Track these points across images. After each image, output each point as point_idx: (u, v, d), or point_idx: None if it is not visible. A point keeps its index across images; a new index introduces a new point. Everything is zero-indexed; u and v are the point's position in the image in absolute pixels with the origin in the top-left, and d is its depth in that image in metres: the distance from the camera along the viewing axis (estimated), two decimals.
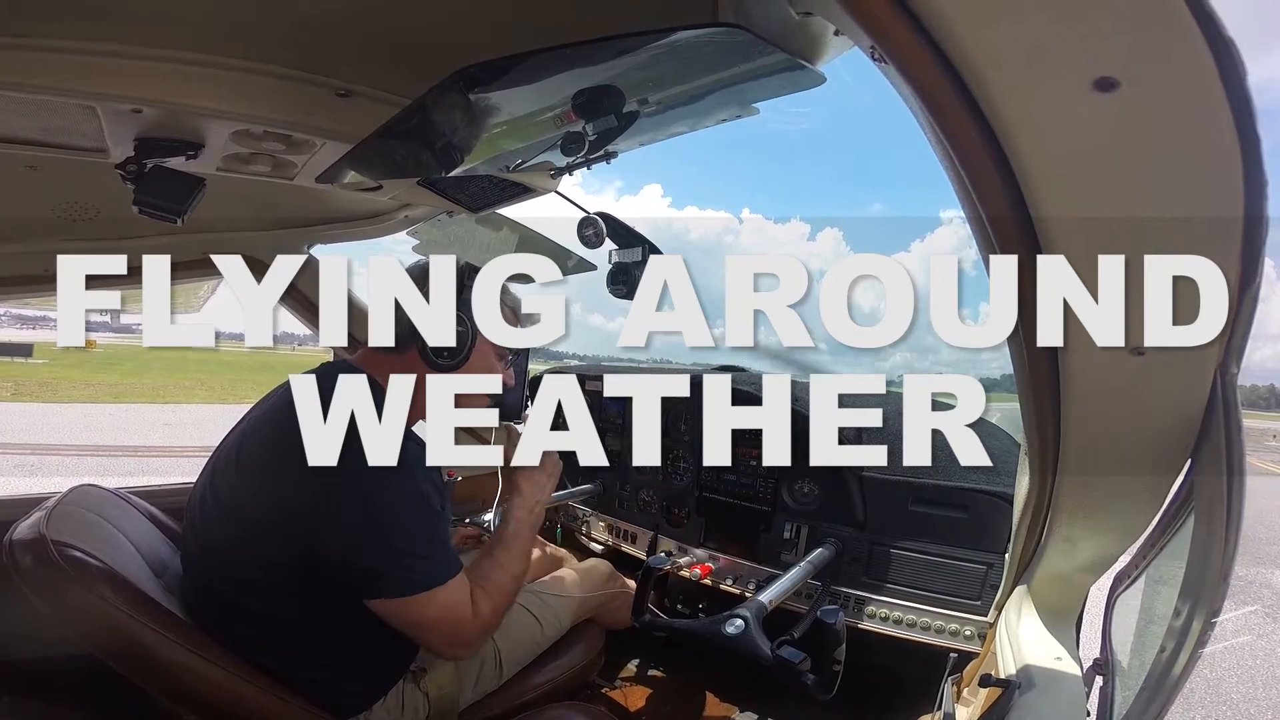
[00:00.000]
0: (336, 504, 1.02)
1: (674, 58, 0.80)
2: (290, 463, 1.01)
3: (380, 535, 1.03)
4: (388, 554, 1.03)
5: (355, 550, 1.02)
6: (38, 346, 30.37)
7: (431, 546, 1.07)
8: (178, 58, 0.96)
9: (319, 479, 0.99)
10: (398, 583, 1.04)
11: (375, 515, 1.02)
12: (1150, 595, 1.02)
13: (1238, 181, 0.48)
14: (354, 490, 1.01)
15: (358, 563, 1.03)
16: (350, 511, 1.02)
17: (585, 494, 2.28)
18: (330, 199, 1.61)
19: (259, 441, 1.11)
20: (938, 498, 1.57)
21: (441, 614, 1.07)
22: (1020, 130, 0.51)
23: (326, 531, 1.02)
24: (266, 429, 1.12)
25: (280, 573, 1.05)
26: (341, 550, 1.02)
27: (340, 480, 0.98)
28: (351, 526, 1.02)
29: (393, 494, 1.03)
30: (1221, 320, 0.58)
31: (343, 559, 1.03)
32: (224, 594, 1.09)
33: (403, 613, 1.06)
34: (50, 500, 1.10)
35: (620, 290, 1.36)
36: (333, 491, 1.01)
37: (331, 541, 1.02)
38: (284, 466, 1.03)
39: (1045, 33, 0.45)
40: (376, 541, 1.02)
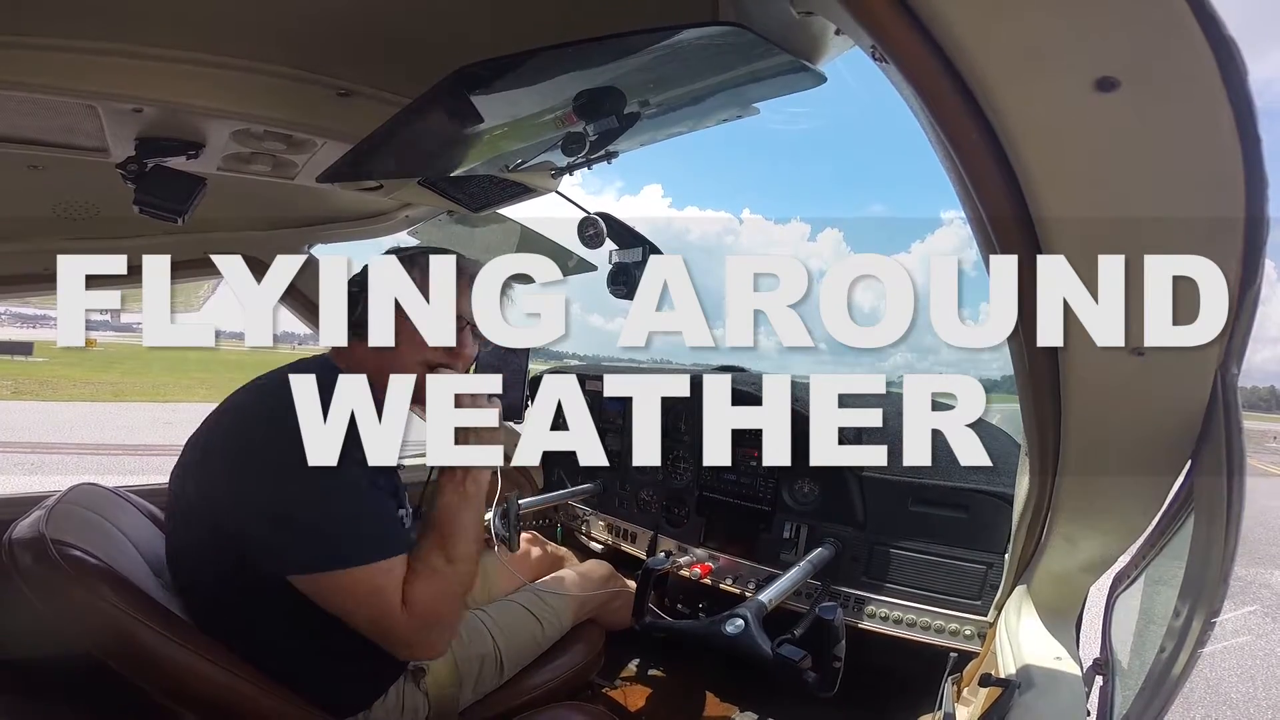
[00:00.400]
0: (252, 483, 1.02)
1: (675, 57, 0.80)
2: (229, 461, 1.04)
3: (287, 508, 1.00)
4: (293, 527, 1.00)
5: (262, 524, 1.01)
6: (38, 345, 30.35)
7: (348, 524, 1.02)
8: (178, 57, 0.96)
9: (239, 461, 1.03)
10: (305, 558, 1.00)
11: (284, 490, 1.00)
12: (1150, 595, 1.02)
13: (1238, 181, 0.48)
14: (269, 468, 1.01)
15: (265, 536, 1.00)
16: (262, 487, 1.01)
17: (585, 494, 2.28)
18: (330, 198, 1.61)
19: (210, 443, 1.10)
20: (938, 498, 1.57)
21: (362, 598, 1.01)
22: (1021, 130, 0.51)
23: (242, 511, 1.02)
24: (215, 433, 1.10)
25: (239, 570, 1.03)
26: (252, 525, 1.01)
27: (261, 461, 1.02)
28: (261, 501, 1.01)
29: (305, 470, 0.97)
30: (1222, 321, 0.58)
31: (253, 534, 1.01)
32: (213, 593, 1.09)
33: (320, 592, 1.01)
34: (50, 499, 1.10)
35: (620, 290, 1.36)
36: (251, 472, 1.02)
37: (244, 519, 1.01)
38: (224, 464, 1.05)
39: (1046, 32, 0.45)
40: (282, 515, 1.00)
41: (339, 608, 1.02)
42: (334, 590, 1.01)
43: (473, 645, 1.41)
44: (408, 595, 1.03)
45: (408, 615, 1.02)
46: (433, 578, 1.06)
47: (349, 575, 1.00)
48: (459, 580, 1.09)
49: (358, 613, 1.02)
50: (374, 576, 1.01)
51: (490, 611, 1.52)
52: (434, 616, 1.05)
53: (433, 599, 1.05)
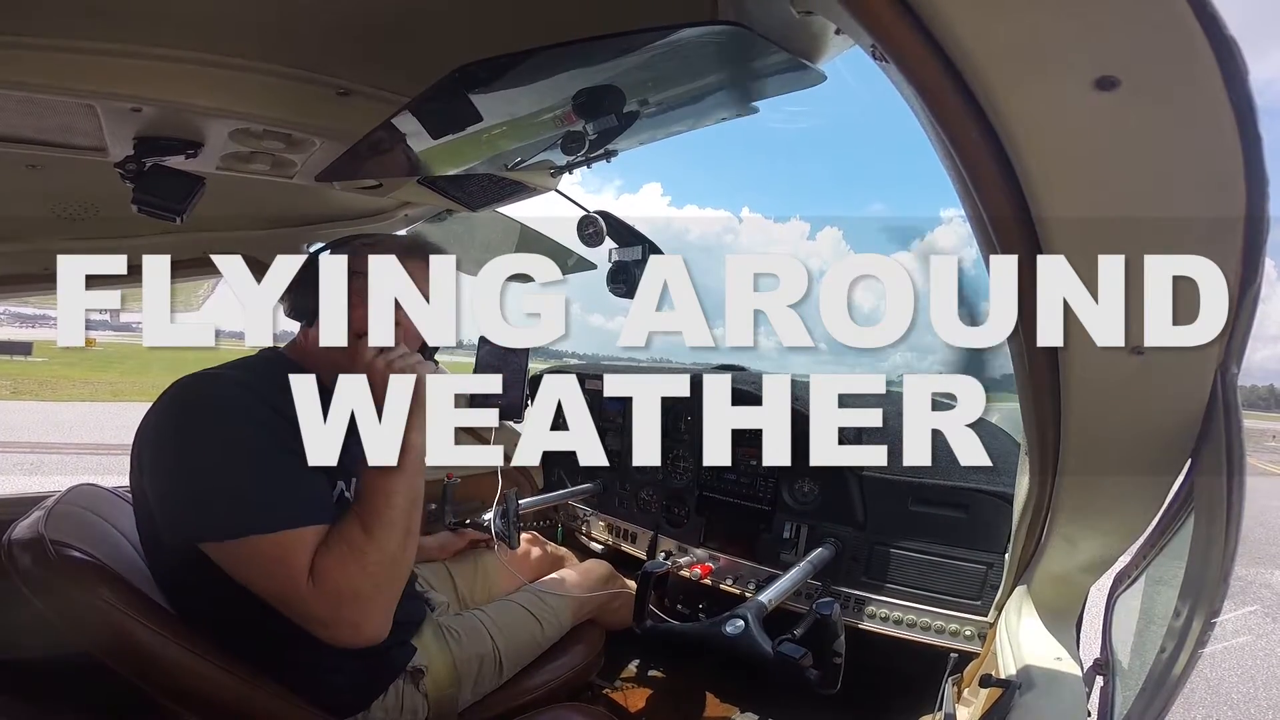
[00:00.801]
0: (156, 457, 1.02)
1: (674, 56, 0.80)
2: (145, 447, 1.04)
3: (182, 479, 0.99)
4: (186, 498, 0.99)
5: (159, 495, 1.01)
6: (37, 345, 30.33)
7: (252, 491, 0.98)
8: (177, 56, 0.96)
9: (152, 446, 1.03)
10: (198, 527, 0.97)
11: (180, 462, 1.00)
12: (1150, 595, 1.02)
13: (1238, 181, 0.48)
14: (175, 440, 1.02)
15: (161, 507, 1.00)
16: (162, 460, 1.01)
17: (585, 493, 2.28)
18: (330, 198, 1.60)
19: (139, 436, 1.09)
20: (938, 498, 1.57)
21: (264, 568, 0.96)
22: (1021, 129, 0.51)
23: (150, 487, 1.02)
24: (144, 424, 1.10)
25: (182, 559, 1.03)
26: (155, 498, 1.01)
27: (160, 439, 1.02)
28: (160, 474, 1.01)
29: (201, 440, 1.00)
30: (1221, 320, 0.58)
31: (165, 507, 1.01)
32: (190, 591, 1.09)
33: (227, 562, 0.97)
34: (49, 500, 1.10)
35: (620, 289, 1.36)
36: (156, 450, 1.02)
37: (152, 494, 1.02)
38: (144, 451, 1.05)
39: (1046, 31, 0.44)
40: (176, 485, 1.00)
41: (245, 579, 0.98)
42: (237, 559, 0.97)
43: (472, 645, 1.41)
44: (315, 566, 0.96)
45: (313, 588, 0.96)
46: (344, 549, 0.98)
47: (249, 543, 0.95)
48: (377, 556, 0.99)
49: (262, 584, 0.97)
50: (277, 545, 0.96)
51: (490, 611, 1.52)
52: (344, 592, 0.97)
53: (340, 572, 0.97)
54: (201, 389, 1.05)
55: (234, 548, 0.96)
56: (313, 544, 0.98)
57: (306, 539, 0.98)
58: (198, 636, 1.01)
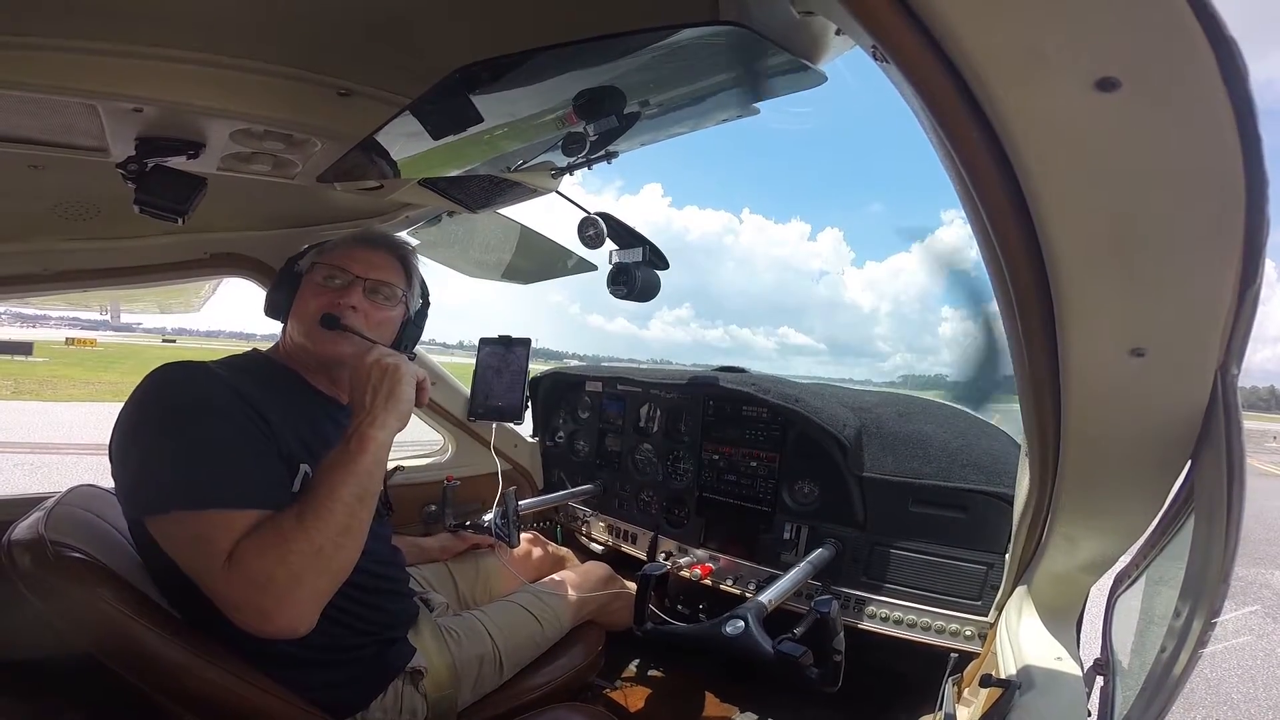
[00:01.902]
0: (118, 439, 1.03)
1: (675, 57, 0.80)
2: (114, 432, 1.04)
3: (131, 452, 1.01)
4: (132, 470, 1.00)
5: (116, 470, 1.02)
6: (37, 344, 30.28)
7: (181, 469, 0.97)
8: (179, 57, 0.96)
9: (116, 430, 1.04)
10: (138, 500, 0.99)
11: (132, 436, 1.02)
12: (1150, 596, 1.02)
13: (1238, 181, 0.48)
14: (126, 424, 1.03)
15: (117, 481, 1.03)
16: (118, 436, 1.03)
17: (585, 494, 2.28)
18: (330, 199, 1.61)
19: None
20: (938, 498, 1.57)
21: (189, 544, 0.95)
22: (1021, 129, 0.51)
23: (114, 469, 1.03)
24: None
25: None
26: (114, 475, 1.03)
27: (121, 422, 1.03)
28: (116, 448, 1.03)
29: (153, 416, 1.02)
30: (1221, 321, 0.58)
31: (118, 485, 1.03)
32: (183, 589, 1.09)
33: (159, 537, 0.97)
34: (49, 500, 1.10)
35: (621, 290, 1.37)
36: (118, 432, 1.03)
37: (115, 476, 1.04)
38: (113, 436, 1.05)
39: (1047, 32, 0.44)
40: (126, 458, 1.01)
41: (174, 556, 0.96)
42: (165, 535, 0.97)
43: (471, 646, 1.41)
44: (236, 548, 0.93)
45: (227, 570, 0.92)
46: (269, 536, 0.94)
47: (175, 519, 0.95)
48: (303, 546, 0.94)
49: (185, 562, 0.95)
50: (201, 523, 0.94)
51: (489, 612, 1.52)
52: (260, 577, 0.92)
53: (259, 556, 0.92)
54: (163, 372, 1.07)
55: (164, 522, 0.96)
56: (241, 527, 0.95)
57: (234, 521, 0.95)
58: (197, 636, 1.01)
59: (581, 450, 2.42)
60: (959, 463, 1.59)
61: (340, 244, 1.31)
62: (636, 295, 1.37)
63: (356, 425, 1.05)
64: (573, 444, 2.44)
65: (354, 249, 1.29)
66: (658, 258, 1.37)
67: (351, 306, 1.22)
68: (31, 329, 25.52)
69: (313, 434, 1.18)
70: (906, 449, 1.66)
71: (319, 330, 1.20)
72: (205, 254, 1.84)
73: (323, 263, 1.26)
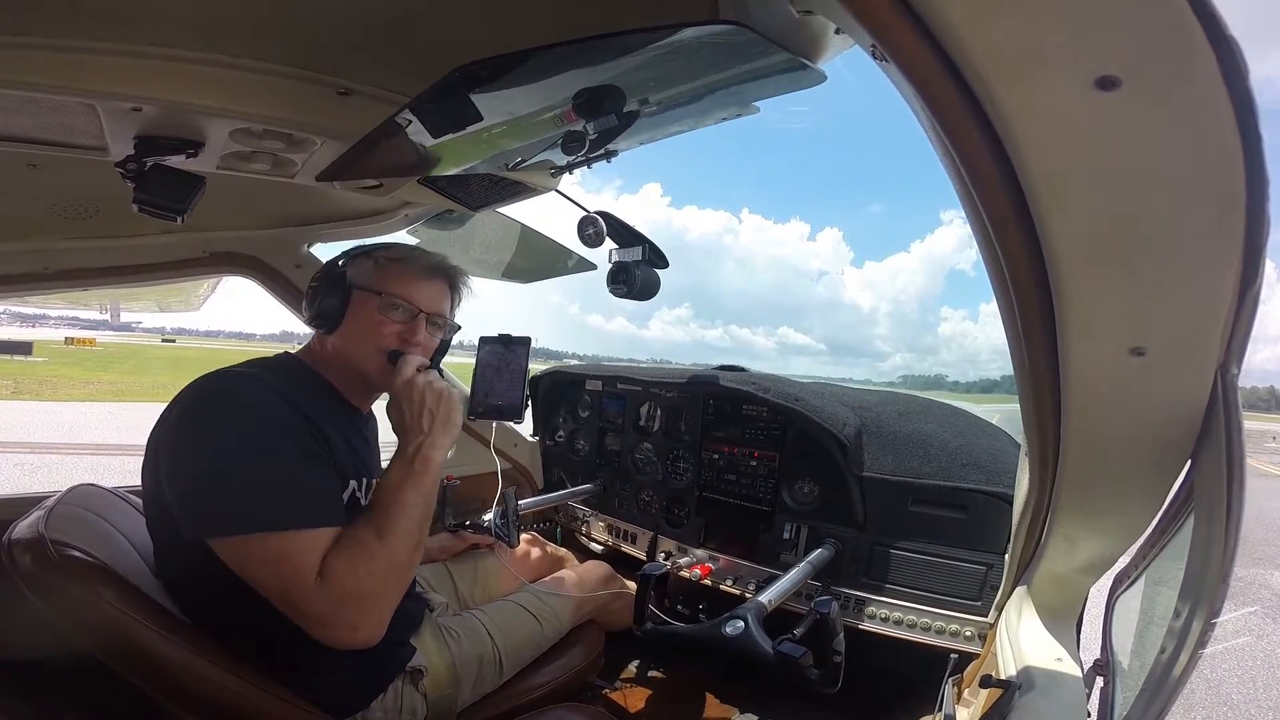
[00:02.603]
0: (173, 453, 1.02)
1: (674, 56, 0.80)
2: (163, 444, 1.05)
3: (200, 473, 1.00)
4: (204, 490, 0.99)
5: (178, 490, 1.01)
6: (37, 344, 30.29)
7: (258, 490, 0.99)
8: (178, 56, 0.96)
9: (169, 442, 1.04)
10: (214, 519, 0.98)
11: (197, 455, 1.00)
12: (1150, 596, 1.02)
13: (1239, 181, 0.48)
14: (187, 439, 1.02)
15: (181, 502, 1.00)
16: (180, 456, 1.02)
17: (585, 494, 2.28)
18: (330, 198, 1.61)
19: (155, 432, 1.10)
20: (937, 498, 1.57)
21: (273, 564, 0.97)
22: (1021, 129, 0.51)
23: (166, 481, 1.02)
24: (160, 420, 1.11)
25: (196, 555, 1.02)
26: (170, 493, 1.01)
27: (179, 435, 1.03)
28: (178, 469, 1.01)
29: (221, 433, 1.01)
30: (1221, 321, 0.58)
31: (173, 502, 1.01)
32: (192, 590, 1.09)
33: (234, 558, 0.98)
34: (49, 500, 1.10)
35: (620, 289, 1.36)
36: (173, 446, 1.03)
37: (168, 489, 1.02)
38: (160, 448, 1.06)
39: (1047, 31, 0.44)
40: (194, 479, 1.00)
41: (250, 575, 0.98)
42: (244, 555, 0.98)
43: (471, 645, 1.41)
44: (325, 566, 0.98)
45: (320, 586, 0.97)
46: (356, 551, 1.01)
47: (258, 540, 0.96)
48: (388, 559, 1.02)
49: (267, 581, 0.98)
50: (286, 543, 0.97)
51: (489, 612, 1.52)
52: (351, 592, 0.98)
53: (350, 573, 0.99)
54: (222, 384, 1.07)
55: (242, 543, 0.97)
56: (323, 546, 1.00)
57: (318, 540, 1.00)
58: (198, 637, 1.01)
59: (581, 449, 2.42)
60: (959, 462, 1.59)
61: (400, 270, 1.26)
62: (636, 294, 1.37)
63: (418, 446, 1.13)
64: (573, 443, 2.44)
65: (417, 280, 1.26)
66: (657, 257, 1.37)
67: (418, 343, 1.25)
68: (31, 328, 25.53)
69: (350, 448, 1.20)
70: (906, 448, 1.66)
71: (382, 361, 1.22)
72: (205, 253, 1.84)
73: (387, 291, 1.23)
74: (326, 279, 1.24)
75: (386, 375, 1.21)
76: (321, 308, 1.22)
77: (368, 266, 1.25)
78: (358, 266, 1.26)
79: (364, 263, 1.26)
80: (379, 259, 1.26)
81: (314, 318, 1.23)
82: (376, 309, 1.22)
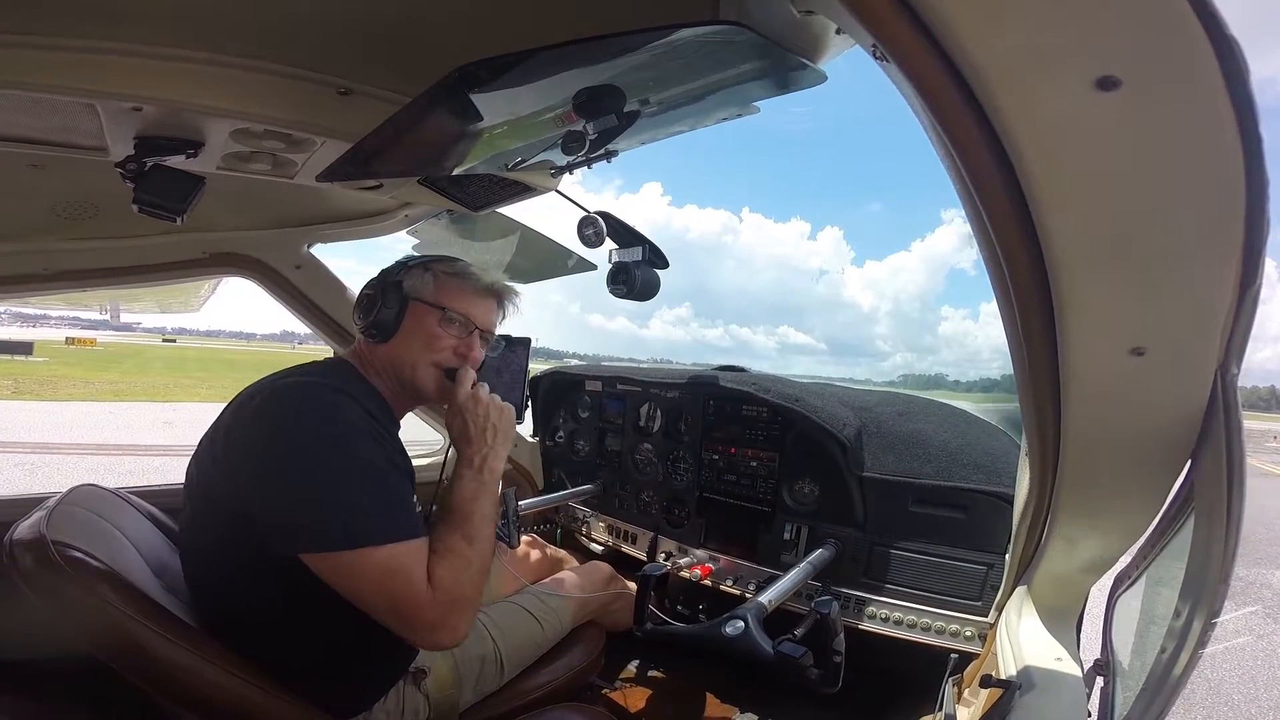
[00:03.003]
0: (263, 462, 1.02)
1: (675, 56, 0.80)
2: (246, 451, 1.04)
3: (300, 486, 1.00)
4: (306, 505, 0.99)
5: (274, 502, 1.01)
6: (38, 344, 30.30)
7: (361, 504, 1.00)
8: (178, 56, 0.96)
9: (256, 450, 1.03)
10: (317, 535, 0.98)
11: (296, 467, 1.00)
12: (1150, 596, 1.02)
13: (1239, 181, 0.48)
14: (280, 449, 1.02)
15: (276, 515, 1.00)
16: (273, 466, 1.01)
17: (585, 494, 2.28)
18: (330, 198, 1.61)
19: (227, 437, 1.10)
20: (937, 498, 1.57)
21: (382, 578, 0.99)
22: (1022, 129, 0.51)
23: (253, 491, 1.02)
24: (235, 425, 1.11)
25: (254, 564, 1.04)
26: (262, 504, 1.01)
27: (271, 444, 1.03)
28: (271, 480, 1.01)
29: (320, 449, 1.01)
30: (1221, 320, 0.58)
31: (264, 514, 1.01)
32: (219, 593, 1.10)
33: (336, 571, 0.99)
34: (50, 500, 1.10)
35: (620, 290, 1.36)
36: (261, 454, 1.02)
37: (256, 500, 1.01)
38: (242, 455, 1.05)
39: (1047, 31, 0.44)
40: (294, 492, 1.00)
41: (354, 589, 1.00)
42: (347, 568, 0.99)
43: (473, 646, 1.41)
44: (433, 576, 1.03)
45: (433, 595, 1.02)
46: (455, 559, 1.07)
47: (367, 555, 0.98)
48: (480, 561, 1.11)
49: (377, 595, 1.00)
50: (396, 556, 1.00)
51: (490, 612, 1.52)
52: (458, 596, 1.06)
53: (456, 579, 1.06)
54: (314, 399, 1.07)
55: (352, 557, 0.98)
56: (422, 556, 1.05)
57: (421, 549, 1.05)
58: (199, 637, 1.01)
59: (581, 450, 2.42)
60: (959, 462, 1.59)
61: (458, 285, 1.27)
62: (636, 294, 1.37)
63: (484, 457, 1.21)
64: (573, 444, 2.44)
65: (475, 297, 1.29)
66: (657, 257, 1.37)
67: (476, 359, 1.29)
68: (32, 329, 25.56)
69: (405, 457, 1.21)
70: (906, 448, 1.66)
71: (438, 374, 1.25)
72: (205, 253, 1.84)
73: (451, 308, 1.25)
74: (383, 289, 1.24)
75: (440, 387, 1.25)
76: (379, 318, 1.22)
77: (426, 280, 1.25)
78: (415, 278, 1.25)
79: (422, 275, 1.26)
80: (437, 272, 1.27)
81: (369, 327, 1.23)
82: (436, 323, 1.24)
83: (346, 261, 3.46)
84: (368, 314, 1.23)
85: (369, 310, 1.23)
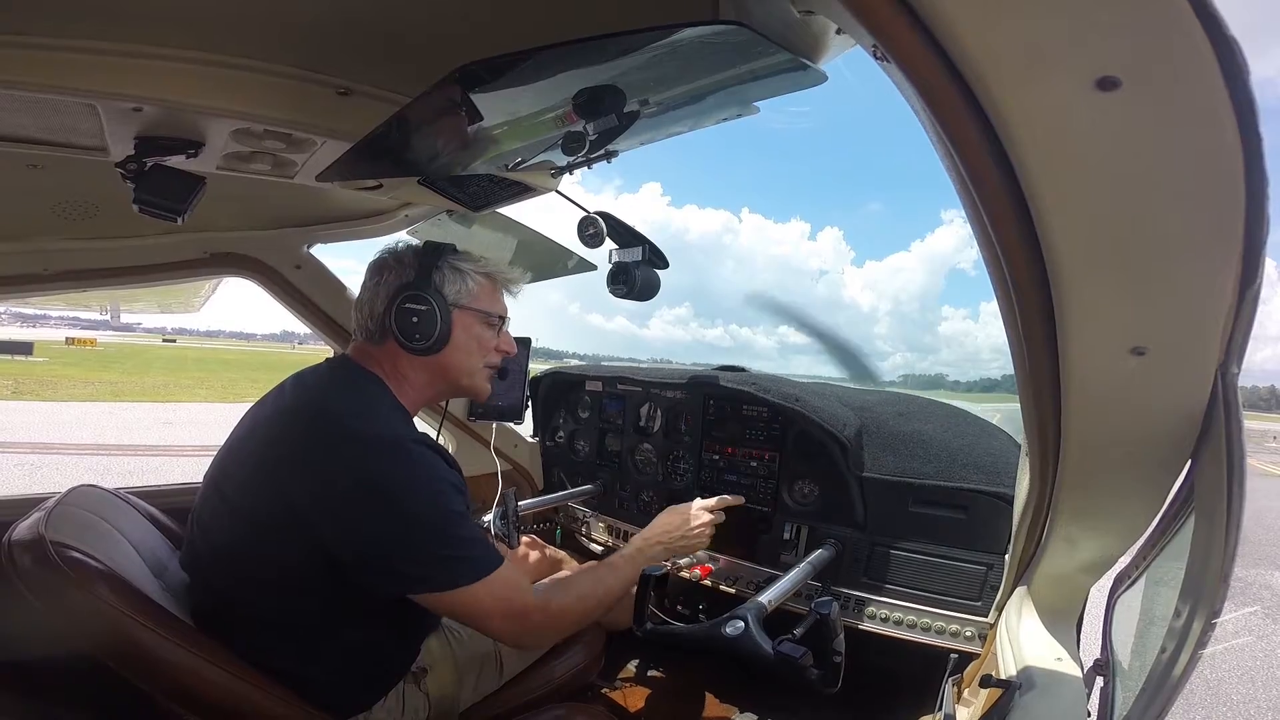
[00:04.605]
0: (346, 503, 1.02)
1: (675, 56, 0.80)
2: (296, 460, 1.03)
3: (409, 537, 1.04)
4: (422, 556, 1.05)
5: (383, 553, 1.04)
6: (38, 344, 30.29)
7: (462, 545, 1.08)
8: (178, 56, 0.96)
9: (323, 475, 1.01)
10: (435, 581, 1.06)
11: (398, 517, 1.03)
12: (1150, 596, 1.02)
13: (1239, 181, 0.48)
14: (366, 491, 1.02)
15: (388, 565, 1.04)
16: (368, 513, 1.02)
17: (585, 494, 2.27)
18: (330, 198, 1.61)
19: (266, 440, 1.11)
20: (937, 498, 1.57)
21: (493, 604, 1.10)
22: (1022, 129, 0.51)
23: (339, 531, 1.03)
24: (274, 428, 1.12)
25: (288, 572, 1.05)
26: (364, 552, 1.04)
27: (347, 478, 1.02)
28: (373, 529, 1.03)
29: (414, 497, 1.05)
30: (1221, 320, 0.58)
31: (367, 561, 1.04)
32: (228, 594, 1.10)
33: (452, 607, 1.09)
34: (49, 501, 1.10)
35: (620, 290, 1.37)
36: (340, 489, 1.02)
37: (348, 542, 1.03)
38: (290, 465, 1.04)
39: (1047, 31, 0.44)
40: (404, 543, 1.04)
41: (467, 616, 1.11)
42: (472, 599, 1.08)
43: (473, 646, 1.41)
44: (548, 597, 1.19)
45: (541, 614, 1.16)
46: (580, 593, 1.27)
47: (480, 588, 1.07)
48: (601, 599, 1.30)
49: (491, 617, 1.11)
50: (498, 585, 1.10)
51: None
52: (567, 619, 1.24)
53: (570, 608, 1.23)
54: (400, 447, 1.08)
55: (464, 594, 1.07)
56: (515, 576, 1.15)
57: (510, 574, 1.13)
58: (199, 637, 1.01)
59: (581, 450, 2.42)
60: (959, 462, 1.59)
61: (490, 284, 1.29)
62: (636, 295, 1.37)
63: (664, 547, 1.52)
64: (573, 444, 2.44)
65: (498, 291, 1.32)
66: (657, 257, 1.37)
67: (510, 350, 1.35)
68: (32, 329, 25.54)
69: None
70: (907, 448, 1.66)
71: (489, 374, 1.32)
72: (205, 253, 1.84)
73: (493, 312, 1.29)
74: (427, 302, 1.18)
75: (489, 384, 1.32)
76: (439, 334, 1.18)
77: (469, 285, 1.24)
78: (454, 285, 1.22)
79: (459, 281, 1.23)
80: (472, 274, 1.26)
81: (427, 347, 1.18)
82: (481, 325, 1.27)
83: (346, 261, 3.47)
84: (418, 332, 1.17)
85: (418, 327, 1.17)
